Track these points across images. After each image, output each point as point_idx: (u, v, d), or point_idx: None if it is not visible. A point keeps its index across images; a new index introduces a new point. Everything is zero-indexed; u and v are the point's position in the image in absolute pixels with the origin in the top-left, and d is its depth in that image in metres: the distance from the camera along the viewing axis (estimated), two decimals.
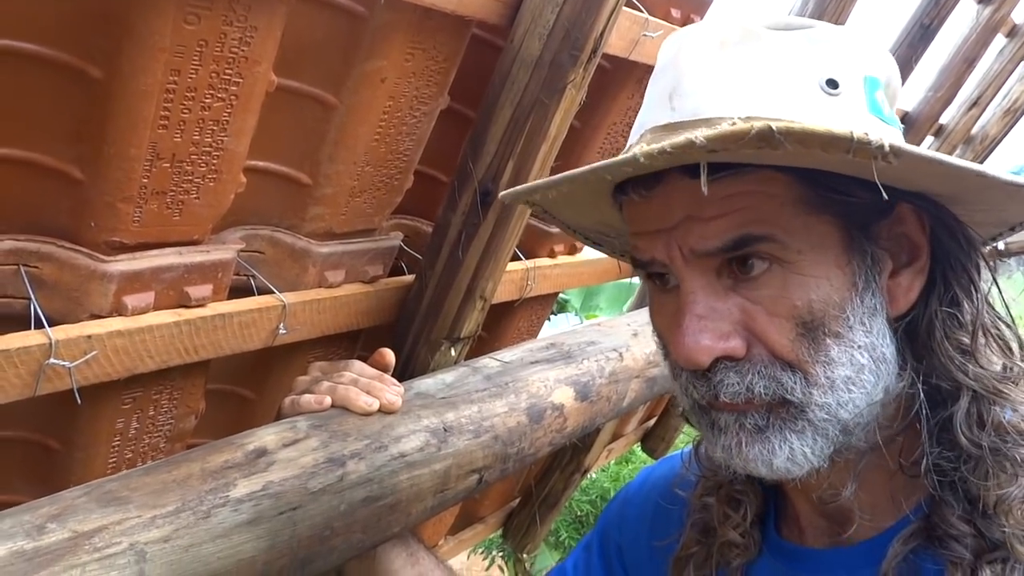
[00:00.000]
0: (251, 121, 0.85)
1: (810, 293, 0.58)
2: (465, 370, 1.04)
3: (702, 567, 0.75)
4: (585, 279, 1.65)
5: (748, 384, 0.59)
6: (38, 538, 0.57)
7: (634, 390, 1.32)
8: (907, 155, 0.49)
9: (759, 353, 0.59)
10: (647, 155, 0.52)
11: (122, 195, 0.79)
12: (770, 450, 0.60)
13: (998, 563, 0.57)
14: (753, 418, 0.60)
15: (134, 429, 0.98)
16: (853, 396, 0.59)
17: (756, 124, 0.48)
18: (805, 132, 0.47)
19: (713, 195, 0.56)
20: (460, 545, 2.11)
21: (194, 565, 0.63)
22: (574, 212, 0.74)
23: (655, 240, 0.61)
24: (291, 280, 1.05)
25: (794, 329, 0.58)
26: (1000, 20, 2.84)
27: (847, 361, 0.59)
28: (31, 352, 0.76)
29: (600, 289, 5.14)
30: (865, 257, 0.60)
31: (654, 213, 0.61)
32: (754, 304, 0.59)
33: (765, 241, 0.58)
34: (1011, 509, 0.57)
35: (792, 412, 0.59)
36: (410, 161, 1.07)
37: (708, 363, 0.59)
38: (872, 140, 0.47)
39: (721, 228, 0.58)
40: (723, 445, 0.62)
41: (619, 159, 0.54)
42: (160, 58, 0.73)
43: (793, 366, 0.59)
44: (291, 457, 0.75)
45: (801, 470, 0.60)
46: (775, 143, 0.48)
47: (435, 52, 0.97)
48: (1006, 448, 0.59)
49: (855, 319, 0.59)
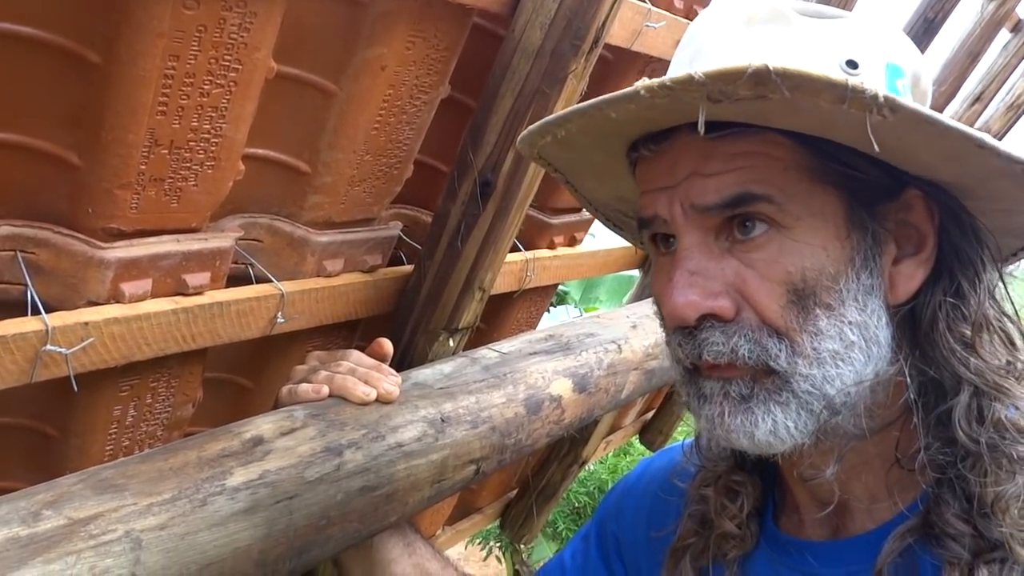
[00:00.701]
0: (250, 108, 0.85)
1: (804, 260, 0.58)
2: (463, 361, 1.04)
3: (699, 558, 0.75)
4: (585, 271, 1.64)
5: (733, 346, 0.59)
6: (33, 525, 0.57)
7: (632, 382, 1.32)
8: (903, 111, 0.48)
9: (748, 317, 0.59)
10: (647, 88, 0.52)
11: (120, 181, 0.79)
12: (752, 421, 0.59)
13: (996, 563, 0.56)
14: (738, 386, 0.60)
15: (131, 417, 0.98)
16: (840, 372, 0.59)
17: (754, 63, 0.48)
18: (801, 75, 0.48)
19: (717, 152, 0.57)
20: (458, 535, 2.11)
21: (190, 553, 0.63)
22: (594, 180, 0.75)
23: (659, 196, 0.62)
24: (289, 269, 1.04)
25: (785, 295, 0.58)
26: (1004, 15, 2.83)
27: (836, 335, 0.58)
28: (27, 338, 0.76)
29: (600, 281, 5.14)
30: (866, 235, 0.60)
31: (662, 170, 0.62)
32: (748, 267, 0.59)
33: (764, 201, 0.58)
34: (1008, 508, 0.57)
35: (776, 382, 0.59)
36: (410, 150, 1.07)
37: (694, 319, 0.59)
38: (867, 89, 0.47)
39: (722, 184, 0.58)
40: (707, 415, 0.62)
41: (622, 92, 0.55)
42: (159, 43, 0.72)
43: (780, 333, 0.59)
44: (288, 446, 0.74)
45: (783, 445, 0.59)
46: (771, 85, 0.48)
47: (436, 40, 0.96)
48: (1004, 445, 0.58)
49: (848, 294, 0.59)
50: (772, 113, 0.54)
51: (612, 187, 0.75)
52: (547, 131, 0.64)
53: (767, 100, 0.51)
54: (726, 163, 0.58)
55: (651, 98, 0.53)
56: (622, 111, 0.56)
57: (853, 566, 0.65)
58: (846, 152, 0.57)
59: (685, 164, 0.60)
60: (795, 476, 0.69)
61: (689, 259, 0.60)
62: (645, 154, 0.63)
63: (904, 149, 0.55)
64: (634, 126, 0.62)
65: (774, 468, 0.76)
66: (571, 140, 0.65)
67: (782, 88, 0.48)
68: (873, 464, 0.65)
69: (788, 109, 0.52)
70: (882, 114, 0.48)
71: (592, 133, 0.63)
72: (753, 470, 0.75)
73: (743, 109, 0.53)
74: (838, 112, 0.50)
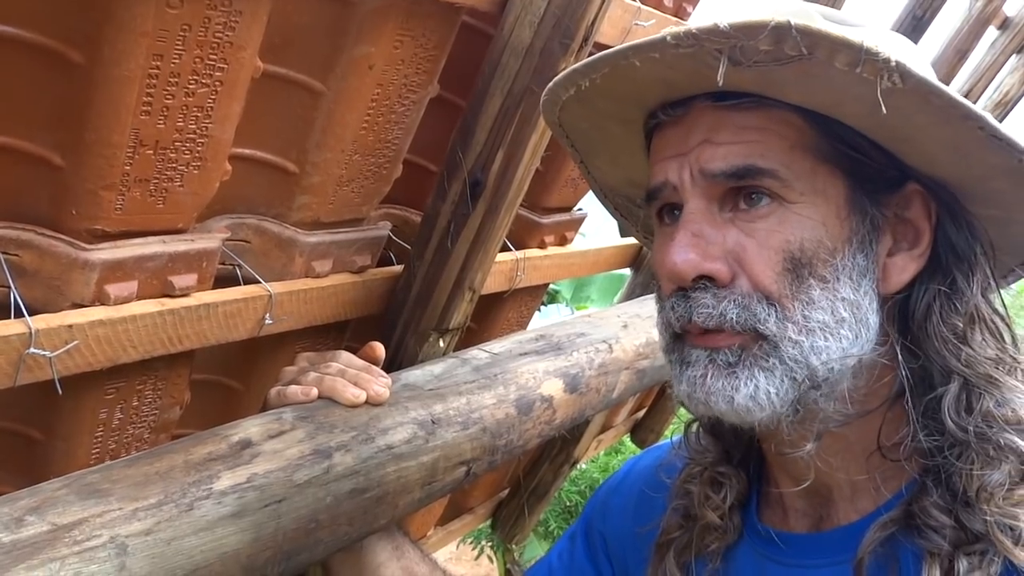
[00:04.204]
0: (236, 108, 0.84)
1: (804, 232, 0.60)
2: (454, 361, 1.04)
3: (683, 553, 0.75)
4: (575, 270, 1.64)
5: (722, 310, 0.60)
6: (16, 531, 0.56)
7: (624, 382, 1.31)
8: (913, 78, 0.51)
9: (741, 284, 0.61)
10: (673, 35, 0.55)
11: (104, 182, 0.78)
12: (734, 386, 0.61)
13: (976, 555, 0.57)
14: (725, 355, 0.61)
15: (117, 420, 0.97)
16: (828, 345, 0.60)
17: (777, 18, 0.51)
18: (820, 32, 0.51)
19: (729, 123, 0.61)
20: (449, 535, 2.11)
21: (177, 558, 0.63)
22: (608, 160, 0.77)
23: (671, 163, 0.64)
24: (277, 270, 1.03)
25: (781, 263, 0.60)
26: (992, 12, 2.85)
27: (828, 307, 0.60)
28: (11, 341, 0.75)
29: (591, 280, 5.14)
30: (864, 219, 0.62)
31: (677, 137, 0.64)
32: (748, 236, 0.61)
33: (768, 176, 0.60)
34: (993, 495, 0.57)
35: (764, 348, 0.60)
36: (399, 150, 1.06)
37: (691, 277, 0.61)
38: (880, 52, 0.50)
39: (730, 153, 0.61)
40: (688, 377, 0.63)
41: (648, 38, 0.57)
42: (142, 43, 0.71)
43: (771, 299, 0.60)
44: (276, 449, 0.74)
45: (762, 412, 0.60)
46: (790, 41, 0.51)
47: (424, 39, 0.96)
48: (992, 433, 0.59)
49: (843, 271, 0.61)
50: (787, 83, 0.57)
51: (624, 168, 0.77)
52: (572, 80, 0.66)
53: (783, 67, 0.53)
54: (736, 135, 0.61)
55: (676, 46, 0.55)
56: (647, 61, 0.58)
57: (836, 557, 0.65)
58: (854, 136, 0.60)
59: (699, 131, 0.63)
60: (773, 451, 0.70)
61: (692, 222, 0.62)
62: (663, 119, 0.65)
63: (908, 133, 0.57)
64: (653, 91, 0.64)
65: (759, 463, 0.76)
66: (591, 102, 0.67)
67: (800, 45, 0.51)
68: (854, 451, 0.65)
69: (802, 79, 0.55)
70: (892, 80, 0.50)
71: (613, 94, 0.65)
72: (739, 464, 0.76)
73: (759, 77, 0.56)
74: (849, 83, 0.52)
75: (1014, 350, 0.64)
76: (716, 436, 0.77)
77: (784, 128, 0.61)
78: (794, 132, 0.60)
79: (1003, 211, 0.62)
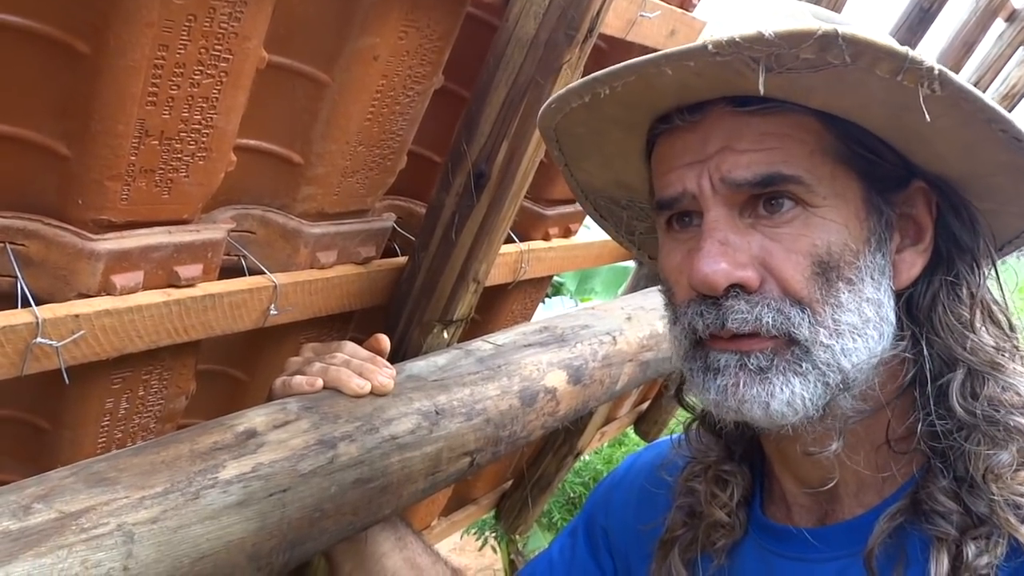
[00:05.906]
0: (241, 98, 0.84)
1: (831, 235, 0.60)
2: (458, 353, 1.04)
3: (687, 550, 0.75)
4: (580, 262, 1.64)
5: (757, 315, 0.60)
6: (24, 518, 0.57)
7: (627, 374, 1.31)
8: (952, 86, 0.51)
9: (770, 289, 0.61)
10: (715, 43, 0.54)
11: (110, 173, 0.78)
12: (769, 392, 0.60)
13: (983, 539, 0.58)
14: (757, 359, 0.61)
15: (124, 409, 0.97)
16: (856, 346, 0.60)
17: (824, 27, 0.50)
18: (867, 42, 0.50)
19: (749, 130, 0.60)
20: (453, 526, 2.11)
21: (183, 546, 0.63)
22: (598, 162, 0.75)
23: (688, 171, 0.63)
24: (282, 261, 1.04)
25: (810, 267, 0.60)
26: (999, 4, 2.83)
27: (855, 309, 0.60)
28: (17, 331, 0.76)
29: (595, 272, 5.14)
30: (880, 218, 0.62)
31: (694, 143, 0.63)
32: (773, 241, 0.61)
33: (793, 182, 0.60)
34: (1001, 475, 0.58)
35: (797, 353, 0.60)
36: (403, 141, 1.06)
37: (723, 286, 0.60)
38: (924, 61, 0.50)
39: (754, 161, 0.60)
40: (718, 385, 0.62)
41: (685, 47, 0.56)
42: (148, 33, 0.71)
43: (803, 304, 0.60)
44: (281, 439, 0.74)
45: (796, 416, 0.60)
46: (835, 50, 0.50)
47: (429, 30, 0.96)
48: (999, 416, 0.60)
49: (866, 272, 0.61)
50: (814, 89, 0.56)
51: (616, 170, 0.75)
52: (590, 88, 0.64)
53: (816, 73, 0.53)
54: (756, 142, 0.60)
55: (715, 54, 0.54)
56: (680, 69, 0.57)
57: (841, 551, 0.66)
58: (869, 138, 0.60)
59: (718, 137, 0.62)
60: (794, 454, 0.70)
61: (718, 230, 0.61)
62: (679, 123, 0.64)
63: (928, 135, 0.57)
64: (668, 97, 0.63)
65: (761, 459, 0.76)
66: (598, 107, 0.66)
67: (845, 54, 0.50)
68: (863, 446, 0.66)
69: (833, 84, 0.55)
70: (932, 88, 0.51)
71: (625, 100, 0.64)
72: (742, 460, 0.76)
73: (786, 83, 0.55)
74: (881, 88, 0.52)
75: (1014, 337, 0.65)
76: (717, 434, 0.77)
77: (803, 133, 0.60)
78: (813, 136, 0.60)
79: (998, 204, 0.63)
